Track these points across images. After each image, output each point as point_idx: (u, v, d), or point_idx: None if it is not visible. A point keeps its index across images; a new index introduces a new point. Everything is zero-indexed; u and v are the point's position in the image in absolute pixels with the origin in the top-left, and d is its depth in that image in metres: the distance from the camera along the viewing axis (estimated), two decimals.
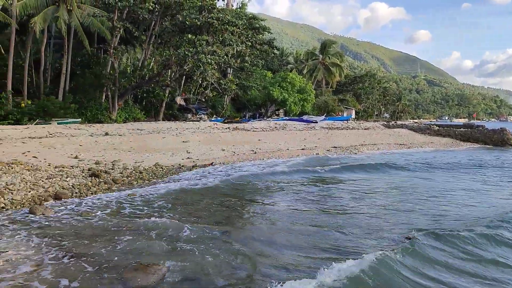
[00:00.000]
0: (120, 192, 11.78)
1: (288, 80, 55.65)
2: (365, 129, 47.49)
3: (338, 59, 75.48)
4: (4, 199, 10.03)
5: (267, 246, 7.66)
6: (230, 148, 23.15)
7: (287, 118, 54.29)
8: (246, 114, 55.98)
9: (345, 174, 17.00)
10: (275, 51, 61.47)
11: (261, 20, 50.52)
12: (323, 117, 56.99)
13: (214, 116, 48.52)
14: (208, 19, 34.32)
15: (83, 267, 6.40)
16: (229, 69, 47.44)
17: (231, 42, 36.19)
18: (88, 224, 8.70)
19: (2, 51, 30.67)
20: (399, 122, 67.17)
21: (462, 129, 43.02)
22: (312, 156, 22.75)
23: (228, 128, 35.31)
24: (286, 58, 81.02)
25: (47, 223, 8.62)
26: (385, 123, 61.04)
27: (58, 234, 7.92)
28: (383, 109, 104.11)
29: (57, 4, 31.31)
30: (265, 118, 54.76)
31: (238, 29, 39.20)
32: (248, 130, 34.94)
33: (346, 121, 58.79)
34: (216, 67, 34.96)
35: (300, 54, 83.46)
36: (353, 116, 74.00)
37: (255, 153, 22.34)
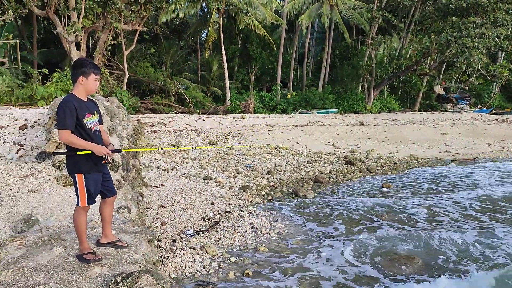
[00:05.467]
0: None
1: None
2: None
3: None
4: (274, 178, 11.39)
5: None
6: (498, 143, 20.32)
7: None
8: None
9: None
10: None
11: None
12: None
13: (479, 106, 43.50)
14: None
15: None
16: (500, 52, 41.54)
17: (505, 21, 31.42)
18: (344, 207, 9.01)
19: (276, 48, 34.91)
20: None
21: None
22: None
23: (496, 120, 31.06)
24: None
25: (308, 203, 9.34)
26: None
27: (318, 214, 8.48)
28: None
29: (321, 1, 33.52)
30: None
31: None
32: None
33: None
34: (484, 51, 31.09)
35: None
36: None
37: None
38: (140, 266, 3.58)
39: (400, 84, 40.08)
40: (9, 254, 3.67)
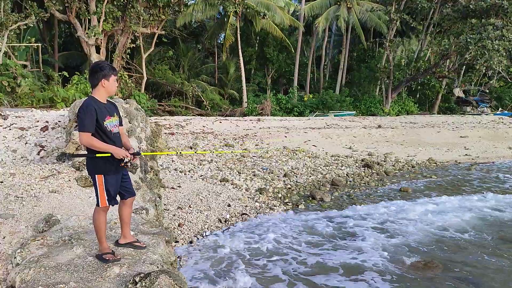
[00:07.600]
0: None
1: None
2: None
3: None
4: (290, 181, 11.38)
5: None
6: None
7: None
8: None
9: None
10: None
11: None
12: None
13: (500, 109, 42.73)
14: (497, 1, 30.15)
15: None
16: None
17: None
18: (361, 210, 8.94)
19: (293, 50, 34.87)
20: None
21: None
22: None
23: None
24: None
25: (325, 206, 9.31)
26: None
27: (335, 217, 8.45)
28: None
29: (338, 3, 33.38)
30: None
31: None
32: None
33: None
34: (505, 53, 30.51)
35: None
36: None
37: None
38: (158, 267, 3.62)
39: (419, 87, 39.57)
40: (31, 253, 3.75)
